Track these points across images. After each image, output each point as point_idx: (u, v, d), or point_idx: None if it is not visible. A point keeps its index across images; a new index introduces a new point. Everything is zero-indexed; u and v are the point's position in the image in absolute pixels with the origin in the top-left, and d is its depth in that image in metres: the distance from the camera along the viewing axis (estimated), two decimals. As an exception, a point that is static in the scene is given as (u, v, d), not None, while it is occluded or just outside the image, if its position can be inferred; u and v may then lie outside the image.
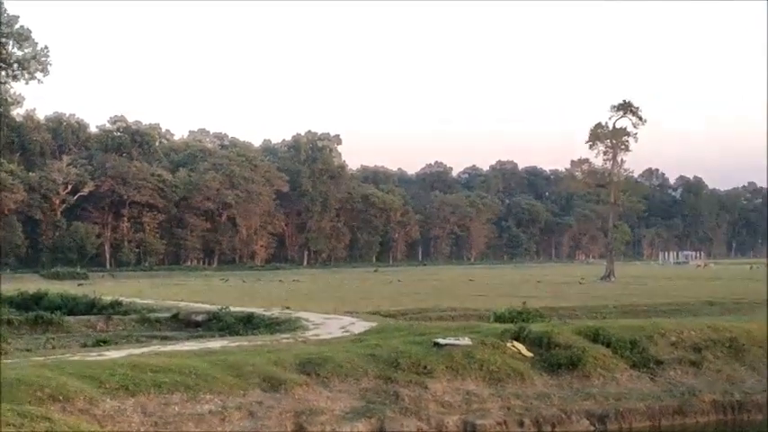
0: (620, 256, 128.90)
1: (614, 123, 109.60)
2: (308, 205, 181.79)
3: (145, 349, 27.79)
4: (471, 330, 27.74)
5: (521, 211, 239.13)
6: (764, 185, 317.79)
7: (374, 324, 37.07)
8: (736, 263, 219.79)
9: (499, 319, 33.19)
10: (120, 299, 55.07)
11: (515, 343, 26.30)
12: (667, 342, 27.98)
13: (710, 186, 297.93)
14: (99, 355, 25.57)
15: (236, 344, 29.01)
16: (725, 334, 28.73)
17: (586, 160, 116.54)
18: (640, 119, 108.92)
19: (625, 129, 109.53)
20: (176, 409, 20.97)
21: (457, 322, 34.03)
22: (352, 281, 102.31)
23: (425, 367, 24.49)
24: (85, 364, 22.52)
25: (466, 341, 25.64)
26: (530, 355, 26.02)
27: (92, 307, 53.44)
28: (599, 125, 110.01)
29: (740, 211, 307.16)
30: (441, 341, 25.48)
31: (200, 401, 21.38)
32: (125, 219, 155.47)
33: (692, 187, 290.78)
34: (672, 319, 47.29)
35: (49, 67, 70.35)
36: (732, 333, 28.78)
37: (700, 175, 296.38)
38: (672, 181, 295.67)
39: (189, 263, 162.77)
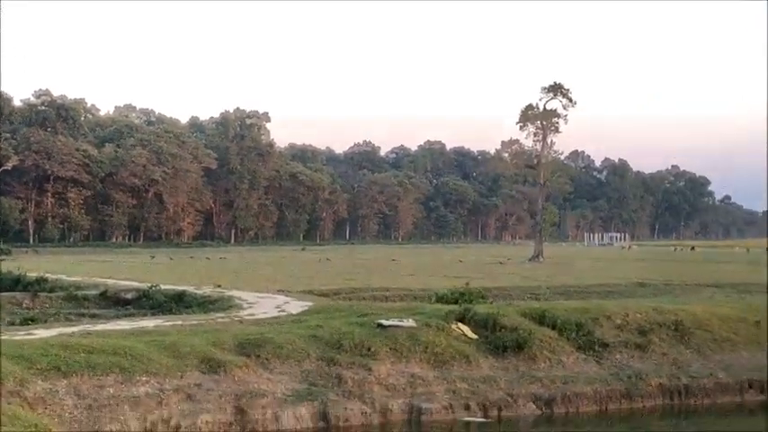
0: (547, 237, 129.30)
1: (545, 105, 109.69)
2: (236, 183, 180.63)
3: (75, 328, 26.81)
4: (414, 312, 27.15)
5: (448, 192, 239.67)
6: (687, 169, 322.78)
7: (310, 304, 36.43)
8: (660, 245, 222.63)
9: (441, 299, 32.61)
10: (47, 275, 53.72)
11: (460, 325, 25.76)
12: (612, 325, 27.65)
13: (635, 169, 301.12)
14: (27, 334, 24.61)
15: (171, 323, 28.18)
16: (670, 317, 28.46)
17: (516, 141, 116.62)
18: (570, 100, 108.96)
19: (555, 110, 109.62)
20: (111, 391, 20.13)
21: (398, 303, 33.45)
22: (281, 259, 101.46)
23: (369, 349, 23.83)
24: (15, 344, 21.53)
25: (410, 323, 25.06)
26: (475, 337, 25.50)
27: (17, 283, 52.08)
28: (530, 106, 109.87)
29: (664, 194, 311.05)
30: (384, 322, 24.85)
31: (135, 384, 20.55)
32: (49, 194, 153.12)
33: (618, 170, 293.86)
34: (605, 300, 47.56)
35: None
36: (677, 316, 28.53)
37: (624, 158, 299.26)
38: (597, 163, 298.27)
39: (114, 239, 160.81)
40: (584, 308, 28.49)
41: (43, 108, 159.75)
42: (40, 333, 25.06)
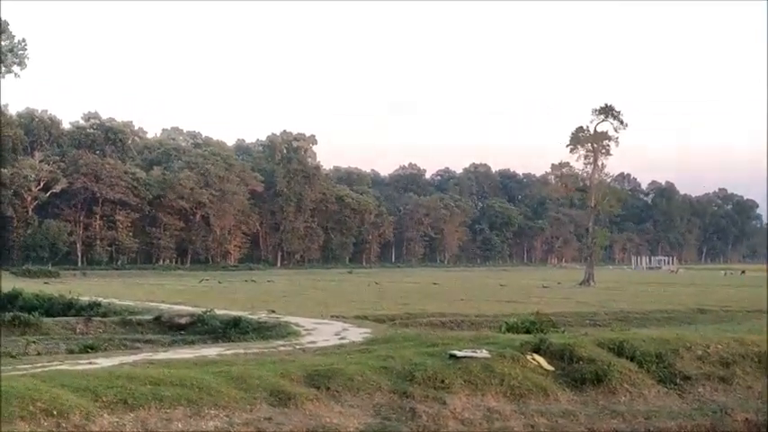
0: (596, 260, 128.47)
1: (595, 127, 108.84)
2: (283, 205, 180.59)
3: (136, 357, 26.20)
4: (486, 342, 26.23)
5: (494, 214, 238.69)
6: (735, 192, 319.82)
7: (369, 331, 35.79)
8: (708, 268, 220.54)
9: (511, 329, 31.69)
10: (99, 299, 53.58)
11: (535, 356, 24.82)
12: (693, 356, 26.59)
13: (682, 192, 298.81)
14: (89, 363, 24.01)
15: (232, 352, 27.55)
16: (752, 348, 27.37)
17: (567, 164, 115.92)
18: (621, 123, 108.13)
19: (606, 133, 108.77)
20: (179, 425, 19.35)
21: (467, 332, 32.54)
22: (329, 283, 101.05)
23: (443, 381, 22.88)
24: (79, 375, 20.87)
25: (484, 353, 24.15)
26: (551, 368, 24.57)
27: (69, 308, 51.97)
28: (580, 129, 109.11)
29: (711, 217, 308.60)
30: (458, 353, 23.95)
31: (204, 417, 19.78)
32: (98, 217, 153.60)
33: (664, 192, 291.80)
34: (666, 327, 46.46)
35: (26, 60, 68.65)
36: (760, 347, 27.42)
37: (672, 180, 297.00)
38: (644, 186, 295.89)
39: (162, 262, 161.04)
40: (663, 338, 27.42)
41: (92, 131, 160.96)
42: (102, 362, 24.45)
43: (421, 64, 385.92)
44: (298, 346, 29.27)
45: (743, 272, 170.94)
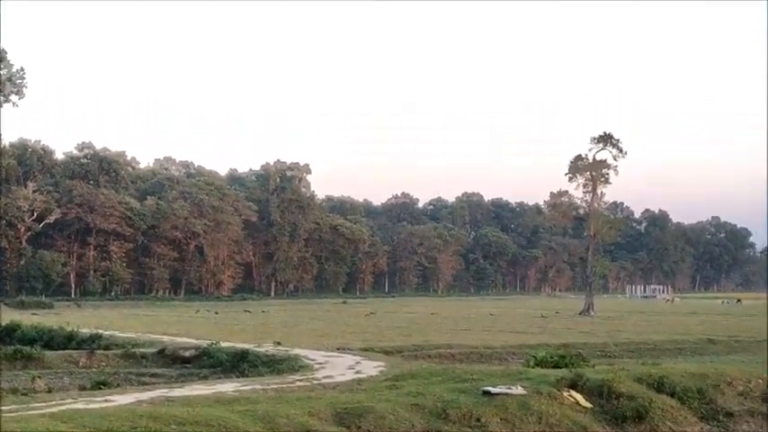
0: (585, 288, 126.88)
1: (594, 155, 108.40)
2: (276, 235, 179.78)
3: (152, 393, 25.25)
4: (518, 377, 25.27)
5: (488, 243, 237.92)
6: (728, 220, 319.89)
7: (382, 364, 35.17)
8: (703, 297, 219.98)
9: (540, 363, 30.78)
10: (99, 332, 52.74)
11: (572, 392, 23.89)
12: (735, 392, 25.76)
13: (675, 220, 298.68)
14: (105, 401, 23.04)
15: (250, 387, 26.73)
16: (795, 383, 26.70)
17: (566, 192, 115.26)
18: (620, 151, 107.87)
19: (605, 161, 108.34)
20: (208, 467, 18.51)
21: (496, 367, 31.62)
22: (326, 313, 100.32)
23: (478, 419, 21.89)
24: (99, 415, 19.80)
25: (519, 390, 23.24)
26: (589, 405, 23.64)
27: (70, 340, 51.15)
28: (579, 157, 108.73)
29: (704, 246, 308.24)
30: (492, 390, 23.02)
31: (233, 459, 18.92)
32: (91, 247, 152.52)
33: (657, 221, 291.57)
34: (680, 358, 45.89)
35: (24, 89, 67.75)
36: (803, 382, 26.76)
37: (665, 209, 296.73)
38: (637, 214, 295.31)
39: (155, 293, 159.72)
40: (703, 373, 26.58)
41: (86, 161, 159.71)
42: (117, 399, 23.54)
43: (411, 93, 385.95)
44: (315, 382, 28.60)
45: (739, 300, 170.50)
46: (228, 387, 27.00)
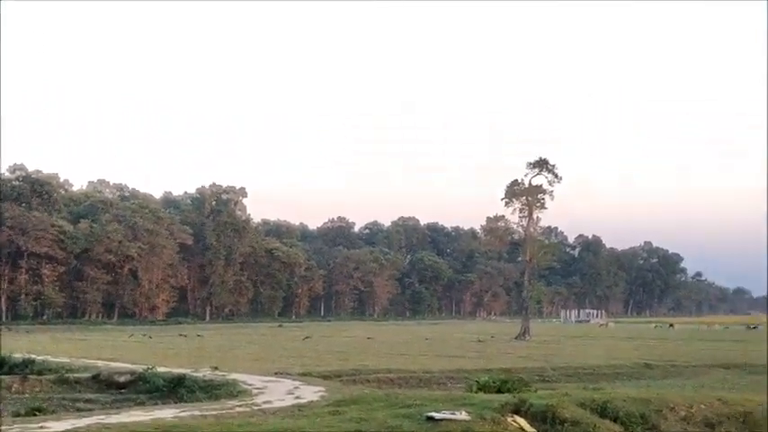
0: (521, 313, 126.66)
1: (530, 180, 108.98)
2: (212, 259, 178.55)
3: (89, 420, 24.75)
4: (461, 402, 25.12)
5: (423, 268, 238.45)
6: (660, 245, 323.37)
7: (322, 389, 34.84)
8: (636, 321, 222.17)
9: (483, 388, 30.67)
10: (32, 356, 51.68)
11: (517, 418, 23.75)
12: (677, 417, 25.75)
13: (608, 245, 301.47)
14: (41, 428, 22.64)
15: (188, 414, 26.28)
16: (737, 408, 26.64)
17: (502, 217, 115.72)
18: (556, 176, 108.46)
19: (541, 186, 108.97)
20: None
21: (439, 392, 31.41)
22: (261, 337, 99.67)
23: (422, 446, 21.88)
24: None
25: (463, 416, 23.05)
26: (533, 431, 23.62)
27: (1, 365, 49.98)
28: (515, 182, 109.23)
29: (637, 271, 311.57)
30: (436, 415, 22.81)
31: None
32: (23, 270, 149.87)
33: (591, 246, 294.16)
34: (617, 383, 46.05)
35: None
36: (744, 407, 26.77)
37: (598, 234, 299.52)
38: (570, 239, 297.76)
39: (88, 316, 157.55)
40: (645, 398, 26.58)
41: (18, 183, 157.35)
42: (53, 426, 23.11)
43: (346, 118, 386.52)
44: (255, 407, 28.25)
45: (671, 325, 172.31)
46: (167, 413, 26.53)
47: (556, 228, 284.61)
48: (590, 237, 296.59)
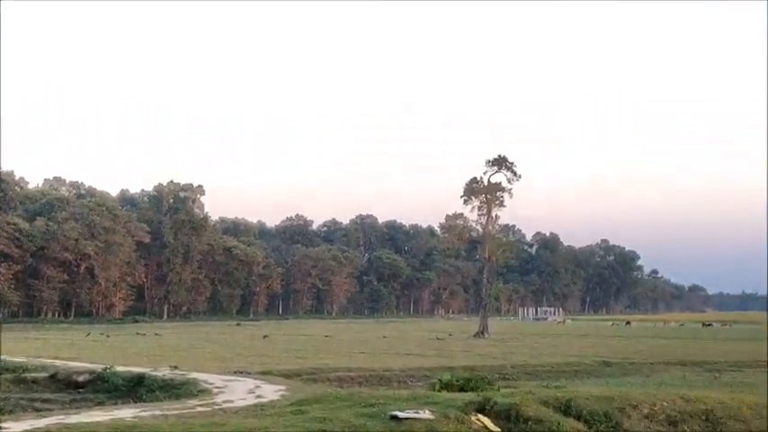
0: (479, 311, 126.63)
1: (489, 178, 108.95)
2: (170, 257, 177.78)
3: (48, 420, 24.41)
4: (425, 401, 25.01)
5: (382, 266, 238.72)
6: (617, 243, 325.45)
7: (282, 387, 34.66)
8: (594, 319, 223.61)
9: (446, 386, 30.57)
10: (-13, 356, 51.15)
11: (480, 416, 23.66)
12: (641, 415, 25.72)
13: (566, 243, 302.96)
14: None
15: (149, 413, 25.98)
16: (699, 405, 26.65)
17: (461, 215, 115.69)
18: (515, 174, 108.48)
19: (500, 184, 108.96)
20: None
21: (402, 391, 31.11)
22: (219, 335, 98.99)
23: (387, 446, 21.74)
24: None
25: (427, 414, 22.94)
26: (497, 430, 23.49)
27: (-44, 365, 49.42)
28: (474, 180, 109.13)
29: (594, 268, 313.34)
30: (399, 414, 22.68)
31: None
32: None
33: (548, 243, 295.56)
34: (578, 380, 46.20)
35: None
36: (706, 405, 26.81)
37: (556, 232, 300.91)
38: (528, 237, 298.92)
39: (45, 315, 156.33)
40: (608, 396, 26.54)
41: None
42: (12, 427, 22.79)
43: (304, 112, 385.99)
44: (216, 407, 28.01)
45: (627, 322, 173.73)
46: (127, 413, 26.25)
47: (513, 226, 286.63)
48: (547, 234, 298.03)
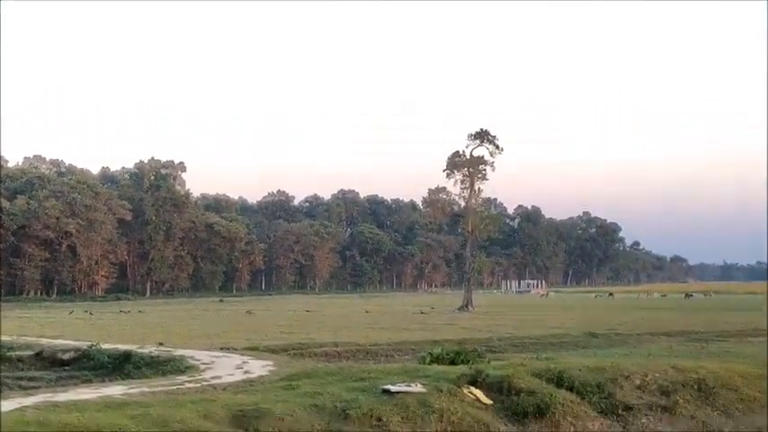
0: (462, 284, 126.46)
1: (471, 152, 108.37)
2: (152, 234, 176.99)
3: (36, 398, 24.13)
4: (416, 374, 24.85)
5: (364, 240, 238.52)
6: (599, 215, 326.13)
7: (270, 363, 34.52)
8: (575, 291, 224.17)
9: (437, 360, 30.39)
10: (-28, 335, 50.80)
11: (473, 389, 23.52)
12: (633, 385, 25.69)
13: (547, 216, 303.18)
14: (-14, 408, 22.03)
15: (138, 390, 25.78)
16: (691, 375, 26.60)
17: (444, 189, 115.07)
18: (497, 147, 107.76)
19: (482, 157, 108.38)
20: (102, 476, 17.69)
21: (393, 365, 30.95)
22: (203, 312, 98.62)
23: (379, 419, 21.31)
24: (-18, 423, 18.94)
25: (419, 388, 22.79)
26: (489, 402, 23.32)
27: (-58, 344, 49.06)
28: (456, 153, 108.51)
29: (576, 241, 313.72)
30: (391, 388, 22.51)
31: (129, 466, 18.15)
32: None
33: (530, 216, 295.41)
34: (565, 352, 46.06)
35: None
36: (698, 374, 26.73)
37: (537, 205, 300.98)
38: (510, 210, 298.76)
39: (26, 294, 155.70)
40: (600, 367, 26.47)
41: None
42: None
43: (287, 89, 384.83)
44: (204, 383, 27.83)
45: (610, 294, 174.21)
46: (115, 390, 26.03)
47: (495, 199, 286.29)
48: (529, 207, 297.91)
